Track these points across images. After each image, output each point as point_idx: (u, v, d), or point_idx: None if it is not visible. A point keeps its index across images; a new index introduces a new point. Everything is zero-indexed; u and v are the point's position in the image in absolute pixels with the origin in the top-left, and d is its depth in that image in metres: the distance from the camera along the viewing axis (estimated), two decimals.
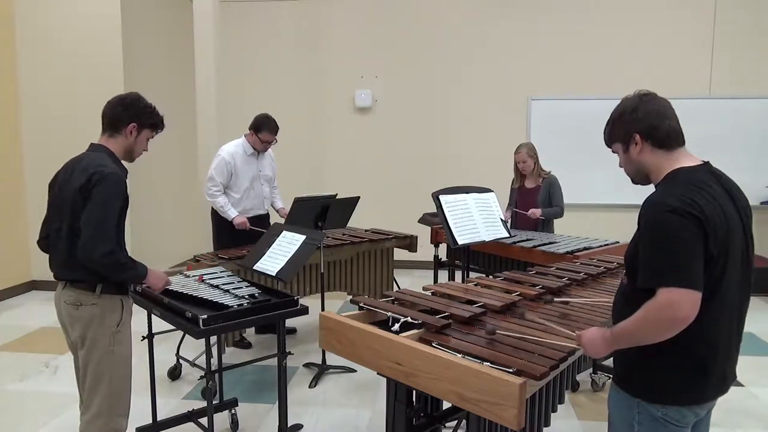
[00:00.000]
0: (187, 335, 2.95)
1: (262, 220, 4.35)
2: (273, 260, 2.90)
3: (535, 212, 4.30)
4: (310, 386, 3.65)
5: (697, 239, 1.42)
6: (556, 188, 4.36)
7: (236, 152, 4.21)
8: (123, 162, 2.34)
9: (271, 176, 4.46)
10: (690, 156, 1.60)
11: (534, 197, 4.40)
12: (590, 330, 1.62)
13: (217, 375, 3.01)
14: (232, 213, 4.17)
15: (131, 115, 2.28)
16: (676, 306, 1.39)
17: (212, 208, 4.36)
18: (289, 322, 4.69)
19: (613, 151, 1.71)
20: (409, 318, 1.99)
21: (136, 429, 2.83)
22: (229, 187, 4.24)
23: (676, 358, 1.49)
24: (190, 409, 2.98)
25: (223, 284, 2.76)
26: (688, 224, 1.42)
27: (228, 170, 4.18)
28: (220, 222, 4.31)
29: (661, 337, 1.43)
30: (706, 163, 1.59)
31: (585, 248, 3.75)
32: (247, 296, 2.58)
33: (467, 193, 3.48)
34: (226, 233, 4.24)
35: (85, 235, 2.09)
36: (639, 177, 1.68)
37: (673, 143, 1.59)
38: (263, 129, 4.18)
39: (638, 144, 1.61)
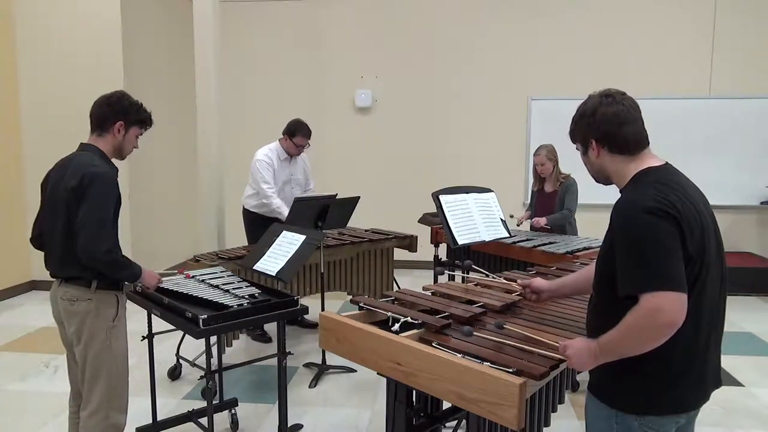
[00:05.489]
0: (187, 335, 2.95)
1: None
2: (273, 260, 2.90)
3: (539, 221, 4.19)
4: (310, 386, 3.65)
5: (676, 239, 1.36)
6: (570, 191, 4.20)
7: (272, 156, 4.37)
8: (114, 160, 2.35)
9: (302, 180, 4.60)
10: (654, 156, 1.56)
11: (552, 202, 4.28)
12: (576, 341, 1.54)
13: (217, 375, 3.01)
14: (287, 212, 4.21)
15: (117, 113, 2.29)
16: (662, 311, 1.32)
17: (243, 207, 4.53)
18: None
19: (576, 149, 1.68)
20: (409, 318, 1.99)
21: (136, 429, 2.83)
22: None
23: (652, 366, 1.43)
24: (190, 409, 2.98)
25: (223, 284, 2.76)
26: (666, 224, 1.36)
27: (271, 169, 4.33)
28: (251, 222, 4.47)
29: (650, 345, 1.36)
30: (669, 164, 1.56)
31: (585, 248, 3.75)
32: (247, 296, 2.58)
33: (467, 193, 3.47)
34: (259, 232, 4.31)
35: (84, 235, 2.12)
36: (600, 178, 1.65)
37: (634, 149, 1.54)
38: (297, 133, 4.33)
39: (595, 149, 1.58)
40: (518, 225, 4.47)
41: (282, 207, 4.26)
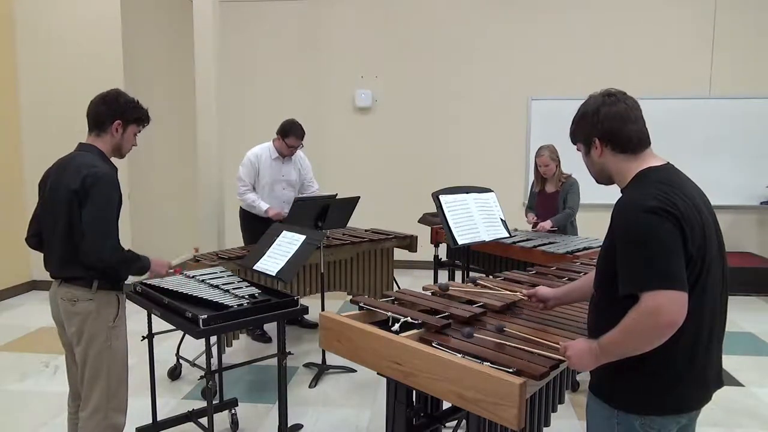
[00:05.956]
0: (187, 335, 2.95)
1: None
2: (273, 260, 2.90)
3: (544, 225, 4.16)
4: (310, 386, 3.65)
5: (677, 238, 1.37)
6: (572, 191, 4.19)
7: (261, 154, 4.44)
8: (113, 159, 2.34)
9: (296, 181, 4.60)
10: (655, 156, 1.57)
11: (554, 203, 4.27)
12: (577, 342, 1.54)
13: (217, 375, 3.01)
14: (263, 206, 4.37)
15: (114, 113, 2.27)
16: (663, 310, 1.32)
17: (240, 207, 4.56)
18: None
19: (577, 149, 1.68)
20: (409, 318, 1.99)
21: (136, 429, 2.83)
22: (253, 187, 4.45)
23: (653, 366, 1.43)
24: (190, 409, 2.98)
25: (223, 284, 2.76)
26: (667, 223, 1.36)
27: (254, 170, 4.42)
28: (247, 222, 4.50)
29: (651, 344, 1.36)
30: (670, 164, 1.56)
31: (585, 248, 3.75)
32: (247, 296, 2.58)
33: (467, 193, 3.47)
34: (252, 231, 4.39)
35: (90, 237, 2.12)
36: (602, 178, 1.65)
37: (636, 148, 1.55)
38: (290, 134, 4.35)
39: (598, 148, 1.58)
40: (534, 229, 4.35)
41: (256, 201, 4.37)
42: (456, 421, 2.53)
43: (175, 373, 3.74)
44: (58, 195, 2.20)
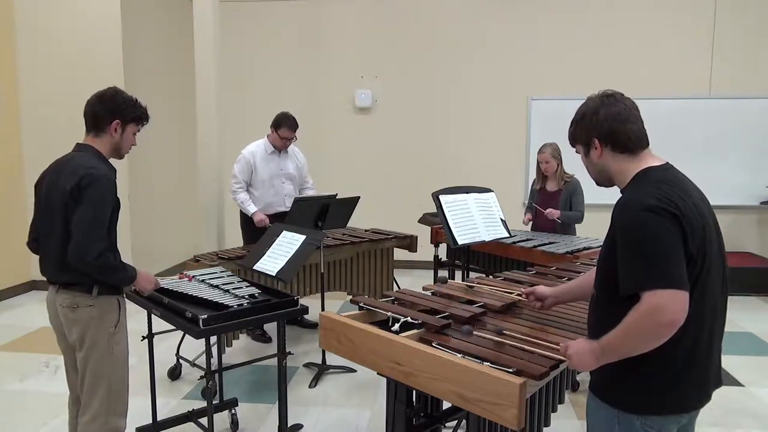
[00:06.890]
0: (187, 335, 2.95)
1: (282, 217, 4.39)
2: (273, 260, 2.90)
3: (553, 212, 4.14)
4: (310, 386, 3.65)
5: (677, 237, 1.37)
6: (577, 192, 4.19)
7: (257, 151, 4.45)
8: (112, 160, 2.28)
9: (294, 174, 4.62)
10: (655, 156, 1.57)
11: (555, 201, 4.25)
12: (577, 342, 1.54)
13: (217, 375, 3.01)
14: (251, 209, 4.39)
15: (112, 112, 2.20)
16: (663, 309, 1.32)
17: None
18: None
19: (576, 152, 1.69)
20: (409, 318, 1.99)
21: (136, 429, 2.83)
22: (250, 184, 4.46)
23: (653, 366, 1.43)
24: (190, 409, 2.98)
25: (223, 284, 2.76)
26: (667, 223, 1.37)
27: (249, 168, 4.43)
28: (247, 221, 4.50)
29: (652, 344, 1.36)
30: (669, 164, 1.56)
31: (585, 248, 3.75)
32: (247, 296, 2.58)
33: (467, 193, 3.48)
34: (253, 229, 4.40)
35: (76, 237, 2.04)
36: (602, 179, 1.65)
37: (636, 147, 1.55)
38: (282, 125, 4.37)
39: (598, 148, 1.58)
40: (527, 223, 4.42)
41: (246, 202, 4.39)
42: (456, 421, 2.53)
43: (175, 373, 3.74)
44: (54, 197, 2.14)
